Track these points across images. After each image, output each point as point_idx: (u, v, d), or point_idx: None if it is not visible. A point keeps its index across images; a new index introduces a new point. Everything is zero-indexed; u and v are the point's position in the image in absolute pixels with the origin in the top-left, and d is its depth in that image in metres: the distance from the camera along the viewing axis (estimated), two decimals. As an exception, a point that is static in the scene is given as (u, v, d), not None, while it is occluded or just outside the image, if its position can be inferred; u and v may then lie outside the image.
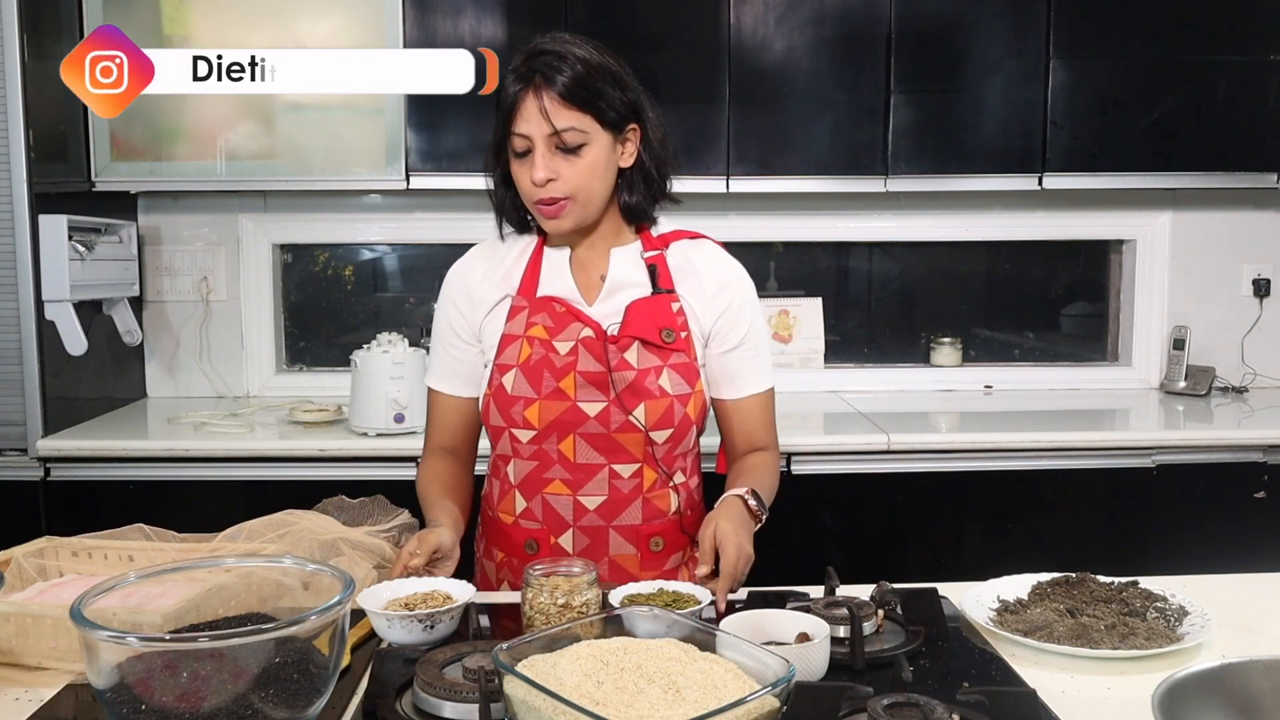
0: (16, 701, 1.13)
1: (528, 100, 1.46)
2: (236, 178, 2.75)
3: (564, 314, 1.55)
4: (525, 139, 1.48)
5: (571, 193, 1.49)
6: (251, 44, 2.68)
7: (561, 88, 1.45)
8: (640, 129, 1.55)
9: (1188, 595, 1.35)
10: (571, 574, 1.27)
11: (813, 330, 3.19)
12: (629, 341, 1.54)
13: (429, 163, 2.75)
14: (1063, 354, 3.34)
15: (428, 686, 1.07)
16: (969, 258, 3.30)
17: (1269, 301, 3.23)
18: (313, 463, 2.48)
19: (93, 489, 2.47)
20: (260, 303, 3.10)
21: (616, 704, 0.88)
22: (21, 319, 2.45)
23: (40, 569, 1.38)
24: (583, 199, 1.51)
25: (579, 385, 1.52)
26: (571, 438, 1.53)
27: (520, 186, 1.52)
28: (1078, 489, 2.57)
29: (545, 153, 1.47)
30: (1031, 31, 2.80)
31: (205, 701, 0.91)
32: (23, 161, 2.41)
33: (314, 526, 1.47)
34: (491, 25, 2.73)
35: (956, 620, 1.34)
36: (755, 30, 2.76)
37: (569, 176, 1.48)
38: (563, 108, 1.46)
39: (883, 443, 2.52)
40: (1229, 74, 2.82)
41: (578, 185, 1.49)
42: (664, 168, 1.59)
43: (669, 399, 1.54)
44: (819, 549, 2.50)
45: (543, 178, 1.47)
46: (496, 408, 1.56)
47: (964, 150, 2.83)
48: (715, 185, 2.79)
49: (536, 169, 1.47)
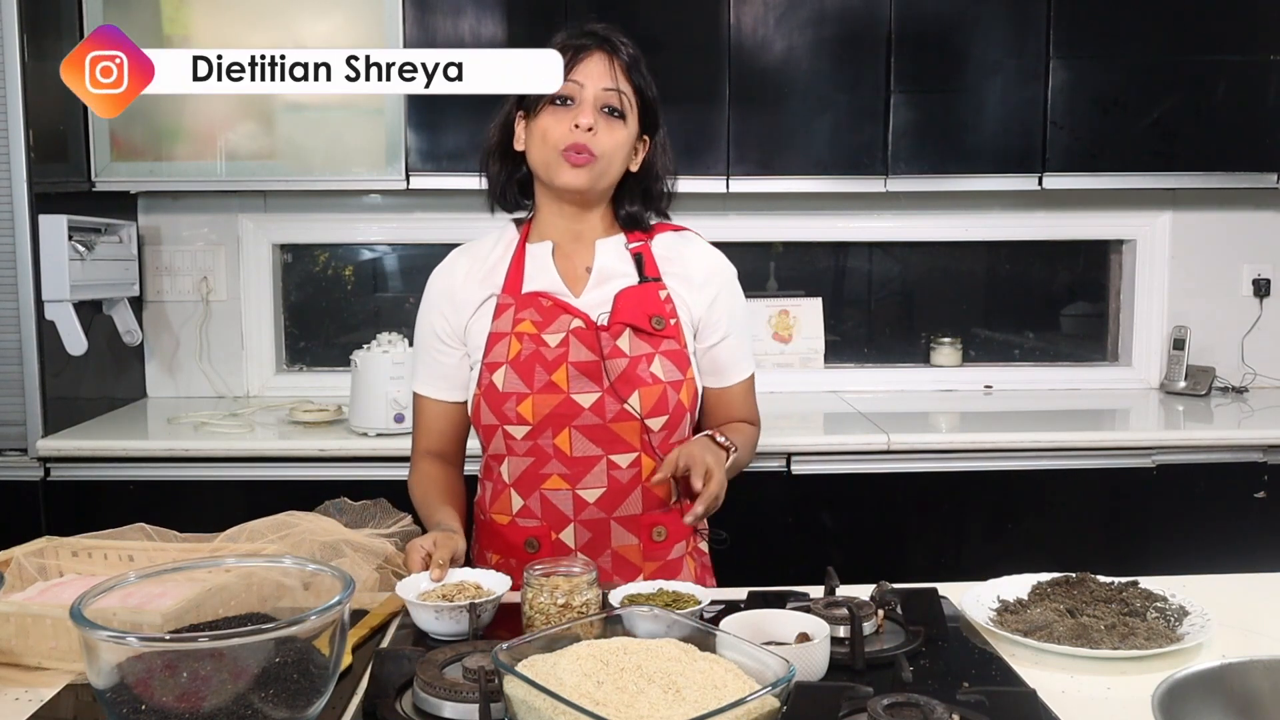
0: (16, 701, 1.13)
1: (595, 55, 1.53)
2: (236, 178, 2.75)
3: (551, 307, 1.56)
4: (578, 87, 1.51)
5: (601, 153, 1.52)
6: (251, 44, 2.69)
7: (627, 58, 1.54)
8: (651, 143, 1.61)
9: (1188, 595, 1.35)
10: (571, 574, 1.27)
11: (813, 330, 3.19)
12: (620, 329, 1.54)
13: (429, 163, 2.75)
14: (1063, 354, 3.34)
15: (428, 686, 1.07)
16: (969, 258, 3.30)
17: (1269, 301, 3.23)
18: (313, 463, 2.48)
19: (93, 489, 2.47)
20: (260, 303, 3.10)
21: (616, 704, 0.88)
22: (21, 319, 2.45)
23: (40, 569, 1.38)
24: (604, 166, 1.54)
25: (572, 377, 1.52)
26: (567, 431, 1.53)
27: (550, 133, 1.52)
28: (1078, 489, 2.57)
29: (594, 106, 1.52)
30: (1031, 31, 2.80)
31: (205, 701, 0.91)
32: (23, 161, 2.41)
33: (316, 528, 1.47)
34: (491, 25, 2.73)
35: (956, 620, 1.34)
36: (755, 30, 2.76)
37: (605, 137, 1.52)
38: (624, 74, 1.54)
39: (883, 443, 2.52)
40: (1229, 74, 2.82)
41: (609, 150, 1.53)
42: (664, 185, 1.64)
43: (662, 385, 1.54)
44: (819, 549, 2.50)
45: (589, 121, 1.50)
46: (488, 406, 1.55)
47: (964, 150, 2.83)
48: (715, 185, 2.79)
49: (584, 114, 1.51)
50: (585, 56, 1.52)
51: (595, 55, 1.53)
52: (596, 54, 1.53)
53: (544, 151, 1.54)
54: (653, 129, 1.60)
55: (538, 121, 1.53)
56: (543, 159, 1.55)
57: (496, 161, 1.63)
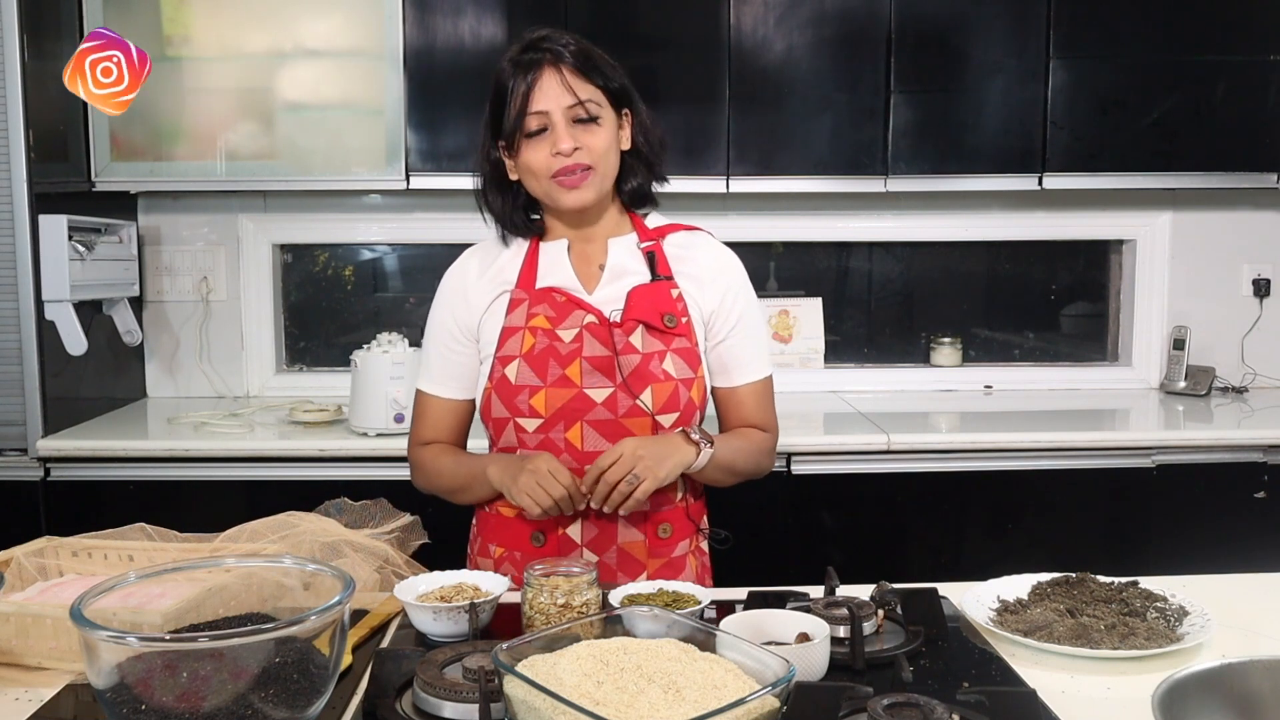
0: (16, 701, 1.13)
1: (545, 76, 1.51)
2: (236, 178, 2.75)
3: (565, 303, 1.56)
4: (543, 115, 1.51)
5: (593, 162, 1.52)
6: (251, 44, 2.71)
7: (573, 60, 1.52)
8: (633, 114, 1.61)
9: (1188, 595, 1.35)
10: (571, 574, 1.27)
11: (813, 330, 3.19)
12: (633, 325, 1.55)
13: (429, 163, 2.75)
14: (1063, 354, 3.34)
15: (428, 686, 1.07)
16: (969, 258, 3.30)
17: (1269, 301, 3.23)
18: (313, 463, 2.48)
19: (93, 489, 2.47)
20: (260, 303, 3.10)
21: (616, 704, 0.88)
22: (21, 319, 2.45)
23: (40, 569, 1.38)
24: (602, 169, 1.54)
25: (585, 372, 1.53)
26: (579, 425, 1.53)
27: (535, 167, 1.53)
28: (1078, 489, 2.57)
29: (565, 125, 1.51)
30: (1031, 31, 2.80)
31: (205, 701, 0.91)
32: (23, 161, 2.41)
33: (316, 528, 1.47)
34: (491, 25, 2.73)
35: (956, 620, 1.34)
36: (755, 30, 2.76)
37: (590, 145, 1.52)
38: (579, 79, 1.52)
39: (883, 443, 2.52)
40: (1229, 74, 2.82)
41: (598, 154, 1.53)
42: (658, 152, 1.64)
43: (674, 383, 1.54)
44: (819, 549, 2.50)
45: (569, 146, 1.50)
46: (500, 399, 1.56)
47: (964, 150, 2.83)
48: (715, 185, 2.79)
49: (561, 139, 1.50)
50: (535, 80, 1.51)
51: (545, 75, 1.51)
52: (546, 72, 1.51)
53: (538, 183, 1.55)
54: (630, 104, 1.60)
55: (521, 159, 1.55)
56: (540, 190, 1.56)
57: (495, 194, 1.63)
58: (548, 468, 1.46)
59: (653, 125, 1.63)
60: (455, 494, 1.64)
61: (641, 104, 1.62)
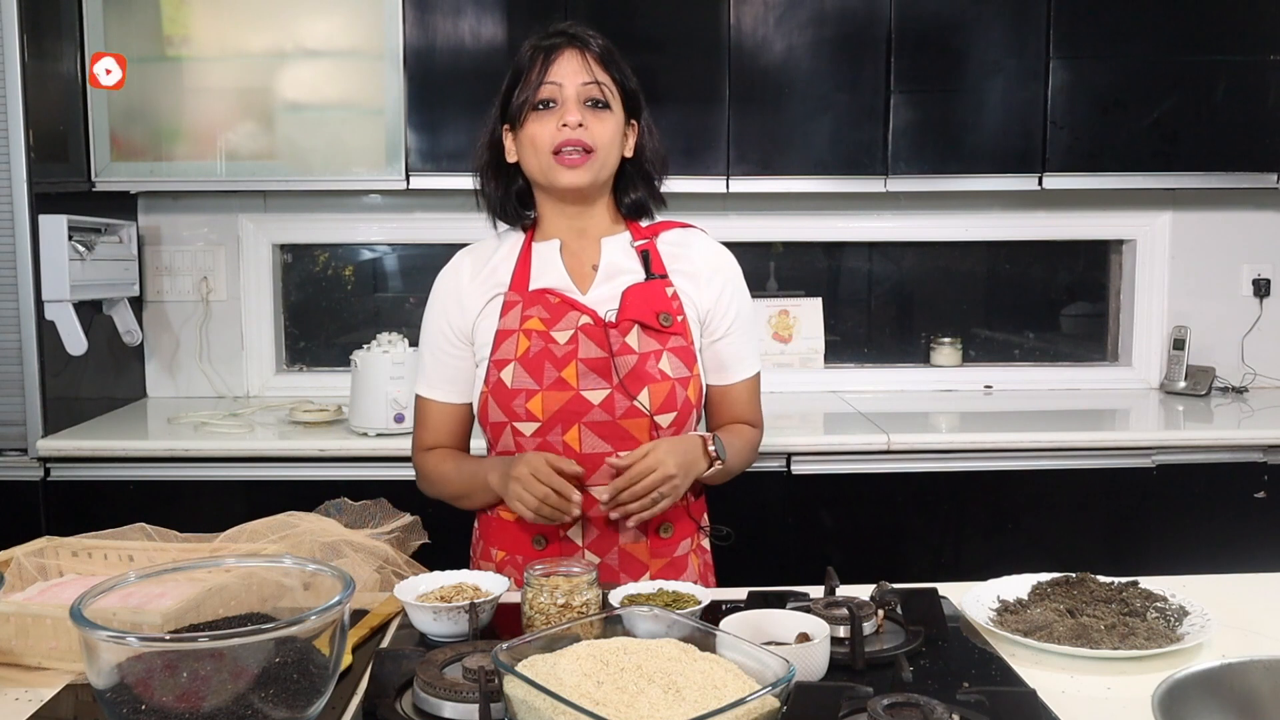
0: (16, 701, 1.13)
1: (567, 53, 1.54)
2: (236, 178, 2.75)
3: (559, 304, 1.56)
4: (557, 87, 1.53)
5: (596, 146, 1.53)
6: (251, 44, 2.71)
7: (597, 50, 1.56)
8: (639, 126, 1.62)
9: (1188, 595, 1.35)
10: (571, 574, 1.27)
11: (812, 330, 3.19)
12: (628, 326, 1.54)
13: (429, 163, 2.75)
14: (1063, 354, 3.34)
15: (428, 686, 1.07)
16: (969, 258, 3.30)
17: (1269, 301, 3.23)
18: (313, 463, 2.48)
19: (93, 489, 2.47)
20: (260, 303, 3.10)
21: (616, 704, 0.88)
22: (21, 319, 2.45)
23: (40, 569, 1.38)
24: (602, 157, 1.55)
25: (581, 374, 1.52)
26: (576, 427, 1.53)
27: (539, 139, 1.54)
28: (1078, 489, 2.57)
29: (576, 102, 1.53)
30: (1031, 31, 2.80)
31: (205, 701, 0.90)
32: (23, 161, 2.41)
33: (316, 528, 1.47)
34: (491, 25, 2.73)
35: (956, 620, 1.34)
36: (755, 30, 2.76)
37: (596, 130, 1.53)
38: (599, 66, 1.56)
39: (883, 443, 2.52)
40: (1229, 74, 2.82)
41: (602, 140, 1.54)
42: (659, 167, 1.65)
43: (670, 382, 1.54)
44: (819, 549, 2.50)
45: (576, 119, 1.51)
46: (496, 403, 1.56)
47: (964, 150, 2.83)
48: (715, 185, 2.79)
49: (570, 111, 1.52)
50: (557, 56, 1.53)
51: (567, 53, 1.54)
52: (568, 52, 1.54)
53: (537, 158, 1.55)
54: (637, 114, 1.62)
55: (524, 130, 1.55)
56: (537, 165, 1.56)
57: (491, 179, 1.63)
58: (529, 471, 1.46)
59: (657, 141, 1.65)
60: (459, 500, 1.64)
61: (648, 120, 1.64)
